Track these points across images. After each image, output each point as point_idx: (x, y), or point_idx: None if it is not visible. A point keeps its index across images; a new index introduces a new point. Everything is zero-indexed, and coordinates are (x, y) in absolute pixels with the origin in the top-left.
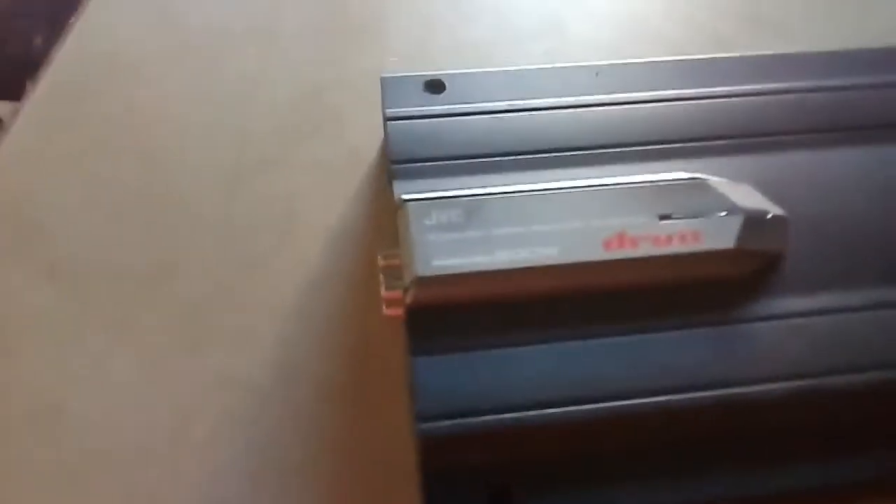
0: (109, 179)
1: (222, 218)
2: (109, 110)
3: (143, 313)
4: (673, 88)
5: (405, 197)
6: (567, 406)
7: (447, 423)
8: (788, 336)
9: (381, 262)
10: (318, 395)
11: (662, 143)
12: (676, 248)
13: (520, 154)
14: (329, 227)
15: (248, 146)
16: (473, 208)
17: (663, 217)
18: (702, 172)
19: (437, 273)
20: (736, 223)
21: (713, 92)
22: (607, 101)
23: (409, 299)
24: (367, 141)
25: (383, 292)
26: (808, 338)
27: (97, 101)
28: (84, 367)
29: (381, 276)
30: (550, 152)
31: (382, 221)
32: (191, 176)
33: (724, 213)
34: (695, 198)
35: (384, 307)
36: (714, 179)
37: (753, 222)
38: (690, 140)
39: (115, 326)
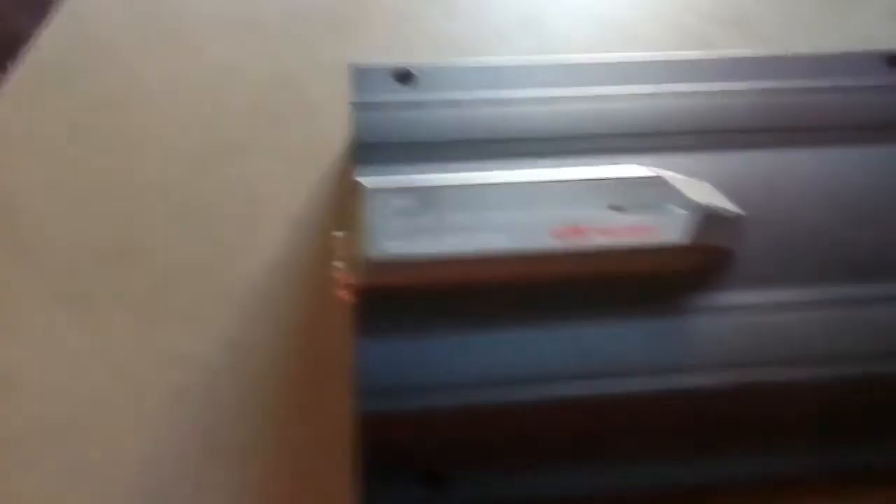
0: (80, 160)
1: (188, 200)
2: (86, 93)
3: (102, 291)
4: (639, 84)
5: (363, 182)
6: (506, 390)
7: (387, 402)
8: (732, 329)
9: (336, 245)
10: (267, 376)
11: (625, 138)
12: (627, 240)
13: (483, 144)
14: (292, 212)
15: (218, 131)
16: (429, 196)
17: (616, 210)
18: (663, 168)
19: (388, 257)
20: (689, 219)
21: (679, 89)
22: (573, 96)
23: (359, 281)
24: (336, 129)
25: (336, 274)
26: (751, 332)
27: (74, 84)
28: (38, 341)
29: (336, 259)
30: (514, 143)
31: (345, 207)
32: (160, 159)
33: (677, 209)
34: (649, 193)
35: (337, 289)
36: (670, 175)
37: (707, 219)
38: (654, 136)
39: (74, 303)
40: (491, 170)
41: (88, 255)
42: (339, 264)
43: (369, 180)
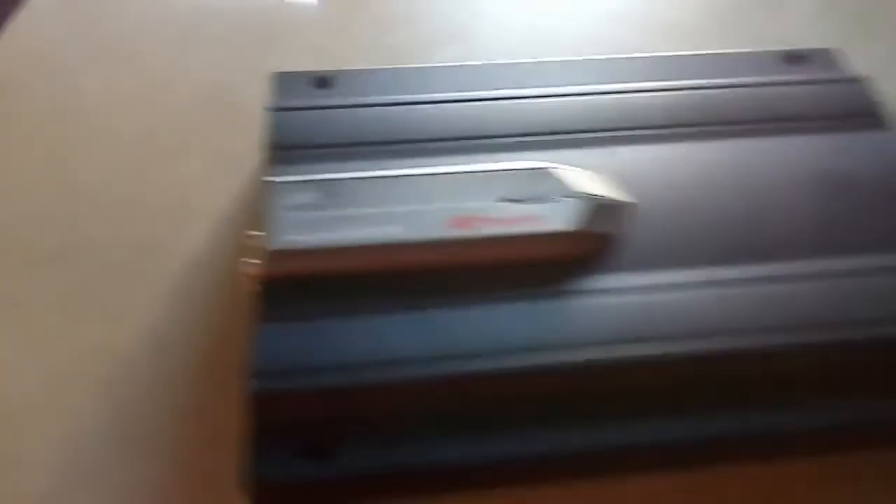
0: (15, 165)
1: (119, 203)
2: (27, 102)
3: (33, 290)
4: (545, 87)
5: (268, 178)
6: (394, 369)
7: (277, 381)
8: (615, 308)
9: (246, 240)
10: (187, 371)
11: (529, 136)
12: (517, 228)
13: (390, 144)
14: (218, 213)
15: (152, 139)
16: (331, 190)
17: (508, 201)
18: (564, 163)
19: (289, 247)
20: (574, 207)
21: (582, 90)
22: (481, 97)
23: (260, 271)
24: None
25: (245, 268)
26: (635, 310)
27: (19, 96)
28: None
29: (246, 254)
30: (422, 143)
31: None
32: (94, 164)
33: (565, 199)
34: (539, 184)
35: (246, 282)
36: (560, 168)
37: (592, 207)
38: (557, 133)
39: (2, 301)
40: (397, 166)
41: (23, 257)
42: (248, 259)
43: (275, 177)
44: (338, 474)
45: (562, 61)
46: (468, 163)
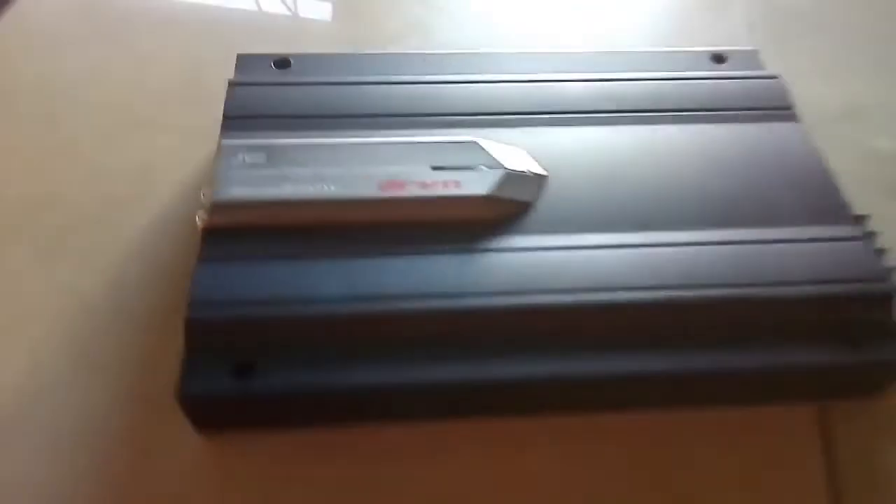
0: (5, 129)
1: (94, 164)
2: (23, 77)
3: (10, 236)
4: (481, 73)
5: (221, 141)
6: (317, 305)
7: (211, 311)
8: (521, 264)
9: (201, 197)
10: (142, 309)
11: (460, 115)
12: (440, 192)
13: (335, 117)
14: (185, 180)
15: (131, 113)
16: (274, 153)
17: (436, 168)
18: (489, 140)
19: (232, 200)
20: (493, 176)
21: (513, 77)
22: (420, 81)
23: (204, 221)
24: None
25: (198, 221)
26: (538, 265)
27: (10, 68)
28: None
29: (200, 208)
30: (362, 118)
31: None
32: (74, 130)
33: (485, 168)
34: (464, 155)
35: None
36: (485, 142)
37: (508, 176)
38: (484, 114)
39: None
40: (340, 137)
41: (7, 202)
42: (200, 212)
43: (226, 140)
44: (258, 390)
45: (501, 52)
46: (403, 136)
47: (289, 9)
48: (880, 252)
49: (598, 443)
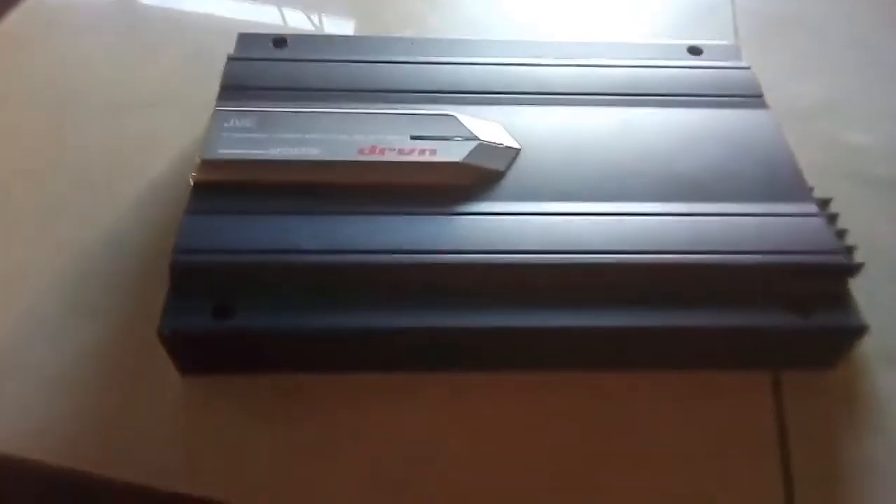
0: (24, 106)
1: (99, 136)
2: (37, 59)
3: (18, 196)
4: (466, 57)
5: (215, 107)
6: (294, 256)
7: (194, 257)
8: (487, 226)
9: (196, 159)
10: (136, 263)
11: (442, 93)
12: (416, 158)
13: (325, 91)
14: (180, 148)
15: (138, 91)
16: (264, 118)
17: (414, 138)
18: (468, 115)
19: (220, 157)
20: (467, 146)
21: (497, 60)
22: (407, 61)
23: (193, 177)
24: None
25: (190, 179)
26: (502, 229)
27: (28, 51)
28: None
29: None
30: (351, 91)
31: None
32: (84, 107)
33: (460, 139)
34: (442, 126)
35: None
36: (462, 116)
37: (481, 147)
38: (465, 92)
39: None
40: (328, 108)
41: (12, 167)
42: (192, 172)
43: (219, 107)
44: (234, 329)
45: (485, 39)
46: (386, 108)
47: (314, 24)
48: (840, 232)
49: (558, 399)
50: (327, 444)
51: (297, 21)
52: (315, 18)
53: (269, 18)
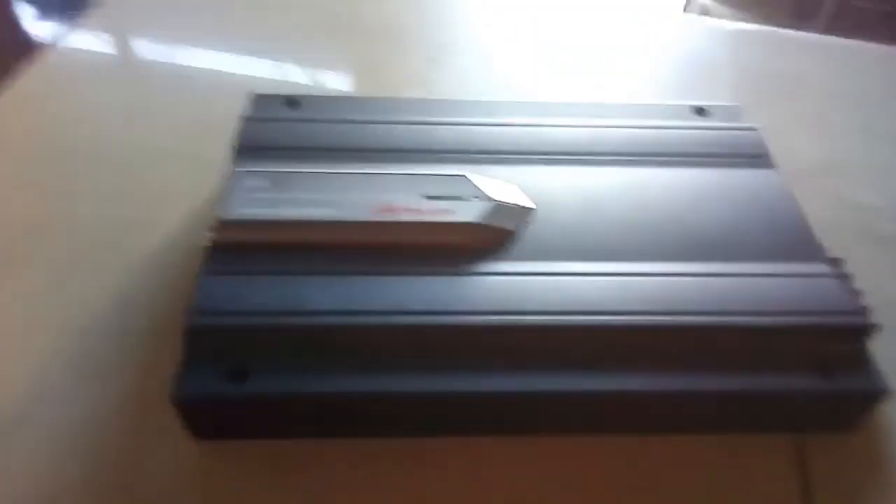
0: (35, 162)
1: (111, 191)
2: (48, 115)
3: (30, 253)
4: (478, 117)
5: (231, 167)
6: (308, 318)
7: (209, 320)
8: (507, 287)
9: (213, 219)
10: (146, 324)
11: (455, 153)
12: (430, 217)
13: (338, 151)
14: (193, 205)
15: (147, 144)
16: (279, 179)
17: (429, 198)
18: (482, 175)
19: (236, 218)
20: (482, 206)
21: (509, 121)
22: (420, 121)
23: (209, 239)
24: None
25: (203, 241)
26: (518, 289)
27: (40, 107)
28: None
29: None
30: (364, 151)
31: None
32: (96, 162)
33: (474, 198)
34: (456, 187)
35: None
36: (475, 176)
37: (496, 207)
38: (479, 153)
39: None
40: (342, 168)
41: (22, 224)
42: (206, 231)
43: (234, 167)
44: (250, 394)
45: (497, 101)
46: (399, 168)
47: (318, 82)
48: (855, 292)
49: (575, 465)
50: None
51: (301, 78)
52: (319, 77)
53: (275, 76)
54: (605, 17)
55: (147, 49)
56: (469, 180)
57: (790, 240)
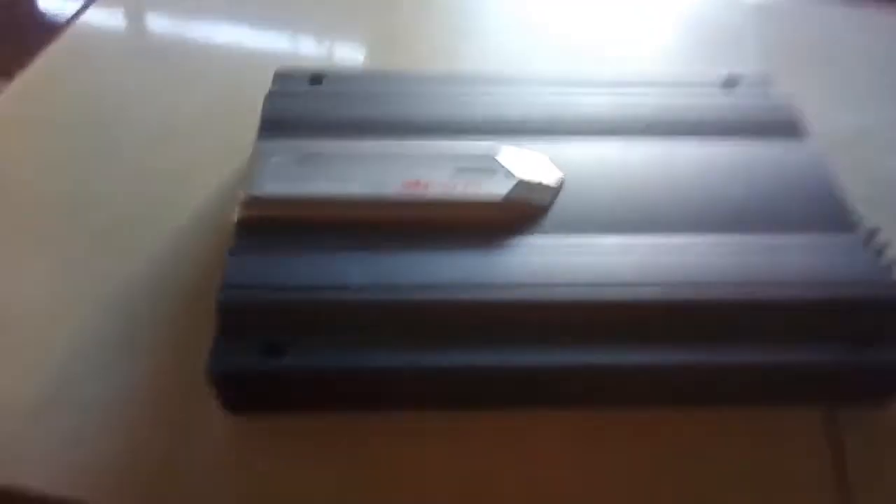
0: (66, 140)
1: (143, 169)
2: (78, 93)
3: (68, 231)
4: (507, 90)
5: (257, 143)
6: (340, 292)
7: (241, 296)
8: (536, 261)
9: (240, 195)
10: (179, 293)
11: (488, 125)
12: (460, 192)
13: (366, 125)
14: (221, 181)
15: (175, 123)
16: (306, 154)
17: (458, 172)
18: (513, 148)
19: (265, 194)
20: (512, 180)
21: (540, 93)
22: (451, 93)
23: (239, 213)
24: None
25: (232, 215)
26: (546, 263)
27: (70, 85)
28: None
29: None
30: (392, 125)
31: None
32: (127, 139)
33: (504, 172)
34: (485, 161)
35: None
36: (506, 149)
37: (523, 183)
38: (511, 125)
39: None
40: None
41: (62, 202)
42: (235, 207)
43: (261, 142)
44: (283, 369)
45: (525, 75)
46: (429, 142)
47: (343, 58)
48: (890, 262)
49: (608, 437)
50: (377, 484)
51: (325, 53)
52: (343, 51)
53: (300, 51)
54: None
55: (168, 25)
56: (498, 155)
57: (825, 211)
